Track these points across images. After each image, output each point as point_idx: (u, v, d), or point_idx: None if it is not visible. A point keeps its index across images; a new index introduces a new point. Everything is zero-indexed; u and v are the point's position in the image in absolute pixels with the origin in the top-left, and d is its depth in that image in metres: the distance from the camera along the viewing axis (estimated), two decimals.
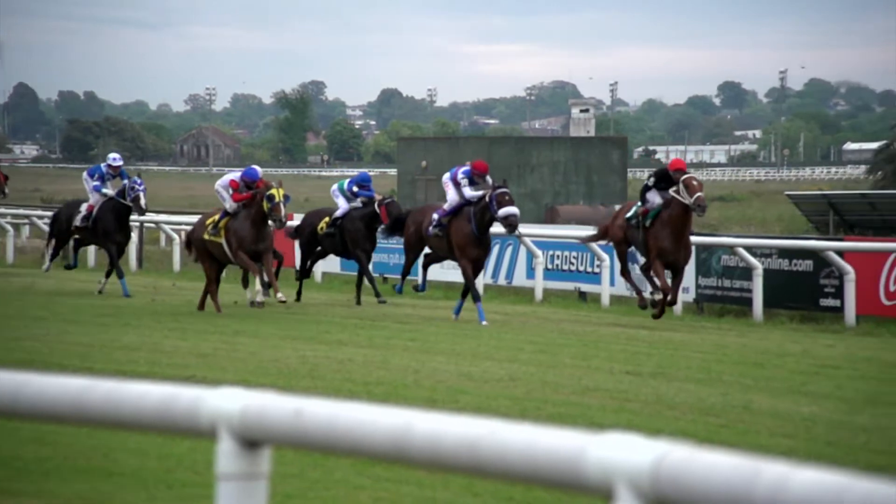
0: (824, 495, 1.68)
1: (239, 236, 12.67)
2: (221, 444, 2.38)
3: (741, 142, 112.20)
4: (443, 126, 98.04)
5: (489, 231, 11.99)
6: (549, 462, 2.01)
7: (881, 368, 8.75)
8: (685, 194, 11.50)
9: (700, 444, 1.95)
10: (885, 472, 5.09)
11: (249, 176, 13.04)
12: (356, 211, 13.75)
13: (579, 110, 57.13)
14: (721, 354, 9.58)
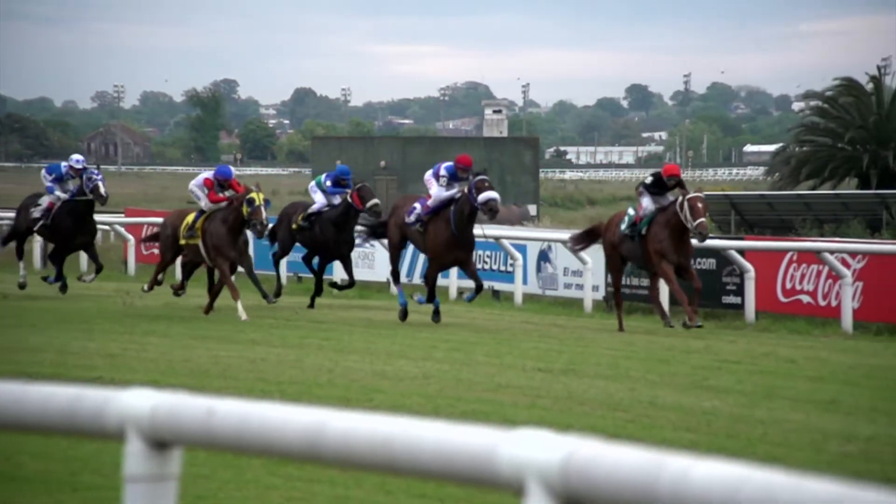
0: (723, 487, 1.72)
1: (215, 244, 12.18)
2: (129, 445, 2.33)
3: (648, 143, 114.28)
4: (357, 126, 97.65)
5: (471, 228, 11.48)
6: (461, 459, 2.02)
7: (778, 363, 9.00)
8: (688, 216, 10.90)
9: (608, 438, 1.98)
10: (781, 462, 5.24)
11: (222, 174, 12.58)
12: (329, 211, 13.10)
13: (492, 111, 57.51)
14: (629, 351, 9.74)
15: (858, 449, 5.67)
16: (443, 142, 42.28)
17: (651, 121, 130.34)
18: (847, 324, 11.84)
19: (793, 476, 1.69)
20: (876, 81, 36.28)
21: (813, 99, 38.64)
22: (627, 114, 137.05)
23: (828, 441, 5.85)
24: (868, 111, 35.46)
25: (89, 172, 13.84)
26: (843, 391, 7.53)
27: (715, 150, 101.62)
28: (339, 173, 13.41)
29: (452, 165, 11.68)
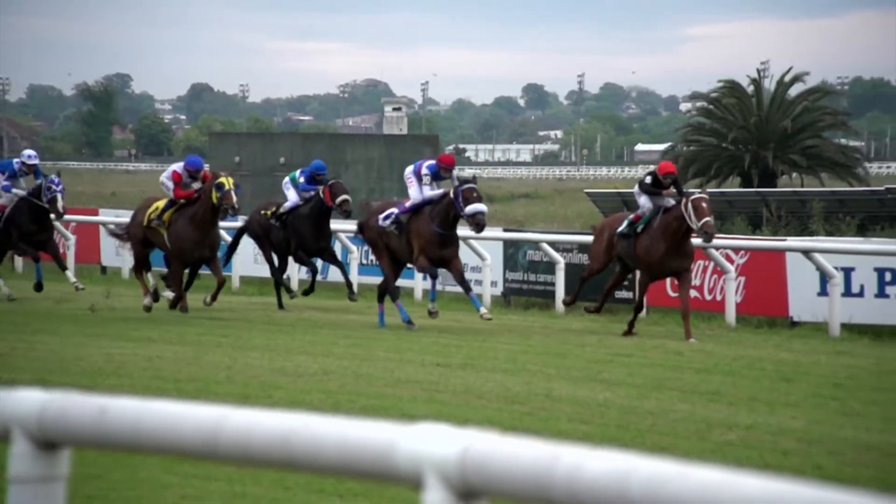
0: (614, 477, 1.76)
1: (180, 244, 11.55)
2: (15, 447, 2.26)
3: (544, 141, 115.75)
4: (256, 122, 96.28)
5: (455, 228, 10.84)
6: (360, 454, 2.01)
7: (667, 356, 9.23)
8: (692, 216, 10.37)
9: (505, 431, 2.00)
10: (668, 451, 5.39)
11: (193, 165, 11.93)
12: (302, 207, 12.54)
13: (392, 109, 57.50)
14: (526, 345, 9.86)
15: (739, 437, 5.86)
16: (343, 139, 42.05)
17: (547, 119, 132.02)
18: (731, 317, 12.21)
19: (678, 464, 1.74)
20: (756, 84, 37.53)
21: (699, 100, 39.74)
22: (524, 112, 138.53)
23: (711, 430, 6.03)
24: (749, 112, 36.65)
25: (49, 181, 13.04)
26: (726, 382, 7.77)
27: (608, 148, 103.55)
28: (314, 169, 12.79)
29: (434, 164, 11.04)
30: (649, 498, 1.71)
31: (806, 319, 11.96)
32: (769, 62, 44.03)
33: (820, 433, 5.91)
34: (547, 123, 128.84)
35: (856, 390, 7.41)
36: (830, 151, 35.67)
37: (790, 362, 8.89)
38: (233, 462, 2.15)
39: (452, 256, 10.89)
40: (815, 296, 12.03)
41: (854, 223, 23.32)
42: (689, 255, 10.70)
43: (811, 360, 9.03)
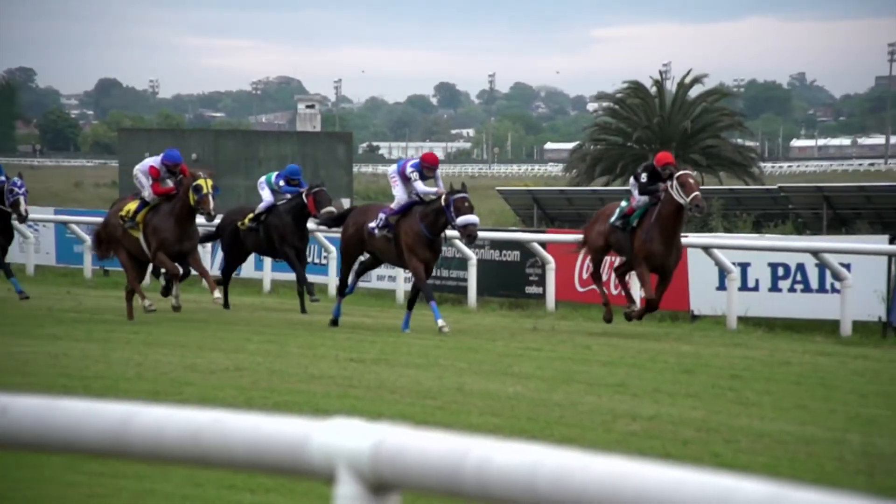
0: (523, 468, 1.78)
1: (160, 236, 10.98)
2: None
3: (457, 140, 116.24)
4: (167, 118, 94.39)
5: (441, 235, 10.58)
6: (273, 449, 2.00)
7: (575, 349, 9.37)
8: (680, 192, 10.03)
9: (417, 425, 2.01)
10: (574, 442, 5.48)
11: (171, 159, 11.34)
12: (283, 204, 12.26)
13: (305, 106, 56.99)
14: (438, 340, 9.89)
15: (642, 427, 5.98)
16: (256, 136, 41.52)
17: (459, 118, 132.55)
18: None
19: (584, 455, 1.77)
20: (658, 85, 38.40)
21: (605, 100, 40.46)
22: (437, 111, 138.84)
23: (616, 421, 6.14)
24: (652, 113, 37.47)
25: (11, 183, 12.43)
26: (631, 374, 7.92)
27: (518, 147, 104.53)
28: (290, 172, 12.57)
29: (418, 163, 10.69)
30: (555, 489, 1.74)
31: (706, 313, 12.26)
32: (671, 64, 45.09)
33: (717, 422, 6.07)
34: (459, 122, 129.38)
35: (751, 381, 7.63)
36: (728, 151, 36.67)
37: (691, 354, 9.10)
38: (142, 459, 2.11)
39: (434, 261, 10.69)
40: (714, 290, 12.34)
41: (750, 220, 24.05)
42: (679, 251, 10.41)
43: (711, 352, 9.27)
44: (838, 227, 23.23)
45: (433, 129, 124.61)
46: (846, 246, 11.66)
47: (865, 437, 5.65)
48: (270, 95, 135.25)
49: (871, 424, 6.04)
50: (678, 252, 10.39)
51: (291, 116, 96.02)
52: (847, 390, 7.24)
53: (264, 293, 14.53)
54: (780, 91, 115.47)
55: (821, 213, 25.08)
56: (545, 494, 1.76)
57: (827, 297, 11.60)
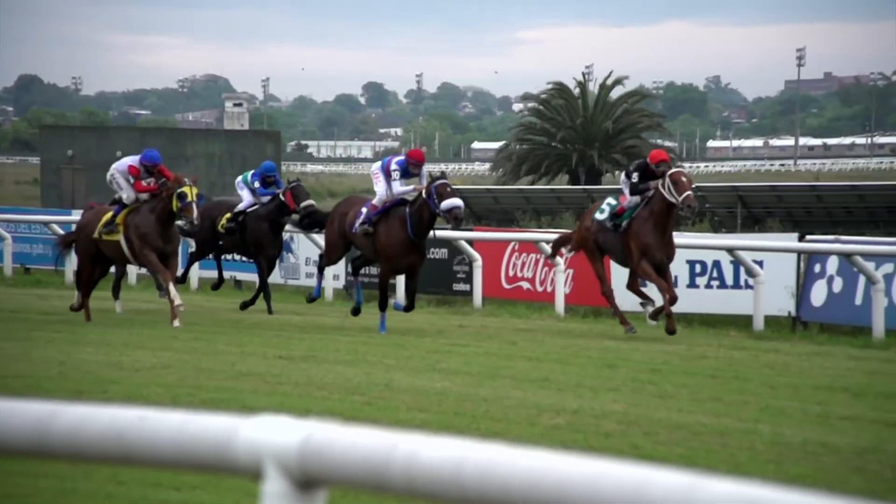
0: (449, 462, 1.79)
1: (142, 233, 10.58)
2: None
3: (385, 139, 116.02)
4: (91, 115, 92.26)
5: (427, 235, 10.10)
6: (199, 446, 1.97)
7: (501, 345, 9.43)
8: (672, 191, 9.70)
9: (345, 421, 2.00)
10: (500, 436, 5.51)
11: (149, 160, 10.95)
12: (261, 208, 11.93)
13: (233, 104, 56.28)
14: (367, 337, 9.86)
15: (566, 421, 6.05)
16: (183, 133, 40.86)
17: (387, 117, 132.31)
18: (560, 307, 12.60)
19: (509, 449, 1.78)
20: (581, 87, 38.90)
21: (530, 101, 40.84)
22: (365, 110, 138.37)
23: (541, 415, 6.20)
24: (576, 113, 37.94)
25: None
26: (555, 369, 8.00)
27: (446, 146, 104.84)
28: (265, 170, 12.24)
29: (403, 160, 10.23)
30: (481, 482, 1.75)
31: (626, 309, 12.47)
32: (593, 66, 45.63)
33: (637, 415, 6.17)
34: (387, 121, 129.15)
35: (669, 374, 7.77)
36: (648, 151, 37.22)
37: (613, 349, 9.22)
38: (64, 458, 2.06)
39: (419, 264, 10.20)
40: None
41: None
42: (672, 248, 10.00)
43: (631, 347, 9.41)
44: (751, 226, 23.80)
45: (362, 127, 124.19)
46: (759, 244, 11.94)
47: (775, 428, 5.79)
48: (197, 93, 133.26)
49: (780, 415, 6.20)
50: (671, 248, 9.99)
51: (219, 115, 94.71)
52: (759, 382, 7.42)
53: (192, 291, 14.30)
54: (697, 93, 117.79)
55: (735, 211, 25.68)
56: (471, 488, 1.77)
57: (741, 292, 11.87)
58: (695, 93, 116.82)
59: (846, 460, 5.10)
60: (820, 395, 6.87)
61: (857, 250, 10.96)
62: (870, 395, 6.87)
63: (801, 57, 79.76)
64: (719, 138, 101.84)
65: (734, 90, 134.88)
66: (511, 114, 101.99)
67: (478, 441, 1.83)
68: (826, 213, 24.36)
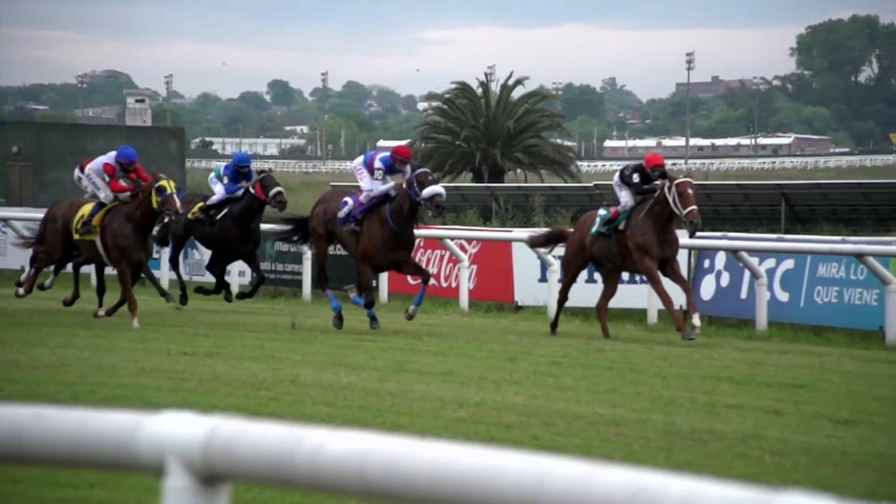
0: (354, 455, 1.78)
1: (119, 244, 10.22)
2: None
3: (291, 136, 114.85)
4: None
5: (412, 226, 9.75)
6: (99, 444, 1.92)
7: (406, 340, 9.44)
8: (677, 202, 9.21)
9: (250, 416, 1.98)
10: (405, 429, 5.52)
11: (125, 157, 10.41)
12: (233, 207, 11.47)
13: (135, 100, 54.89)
14: (273, 333, 9.75)
15: (469, 413, 6.10)
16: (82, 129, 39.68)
17: (293, 115, 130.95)
18: (464, 302, 12.69)
19: (413, 441, 1.79)
20: (484, 87, 39.26)
21: (434, 100, 40.99)
22: (270, 108, 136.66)
23: (445, 408, 6.23)
24: (479, 113, 38.26)
25: None
26: (459, 363, 8.05)
27: (352, 144, 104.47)
28: (238, 161, 11.79)
29: (389, 157, 9.81)
30: (385, 475, 1.75)
31: (529, 304, 12.62)
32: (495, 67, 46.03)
33: (538, 407, 6.25)
34: (293, 119, 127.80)
35: (569, 367, 7.91)
36: (548, 150, 37.85)
37: (515, 343, 9.32)
38: None
39: (407, 256, 9.83)
40: (537, 282, 12.73)
41: (569, 215, 24.90)
42: (676, 242, 9.50)
43: (533, 341, 9.53)
44: None
45: (267, 125, 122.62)
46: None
47: (666, 417, 5.95)
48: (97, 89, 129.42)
49: (671, 405, 6.36)
50: (675, 244, 9.48)
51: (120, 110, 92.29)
52: (652, 374, 7.61)
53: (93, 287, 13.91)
54: (594, 94, 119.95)
55: None
56: (375, 480, 1.77)
57: (637, 287, 12.16)
58: (592, 94, 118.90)
59: (730, 446, 5.26)
60: (707, 385, 7.07)
61: (742, 246, 11.32)
62: (753, 385, 7.10)
63: (691, 61, 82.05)
64: (615, 138, 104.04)
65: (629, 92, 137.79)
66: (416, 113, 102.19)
67: (382, 434, 1.83)
68: (714, 210, 25.10)
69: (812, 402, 6.42)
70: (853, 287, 10.86)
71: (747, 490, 1.38)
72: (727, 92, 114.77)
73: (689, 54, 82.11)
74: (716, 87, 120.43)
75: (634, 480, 1.50)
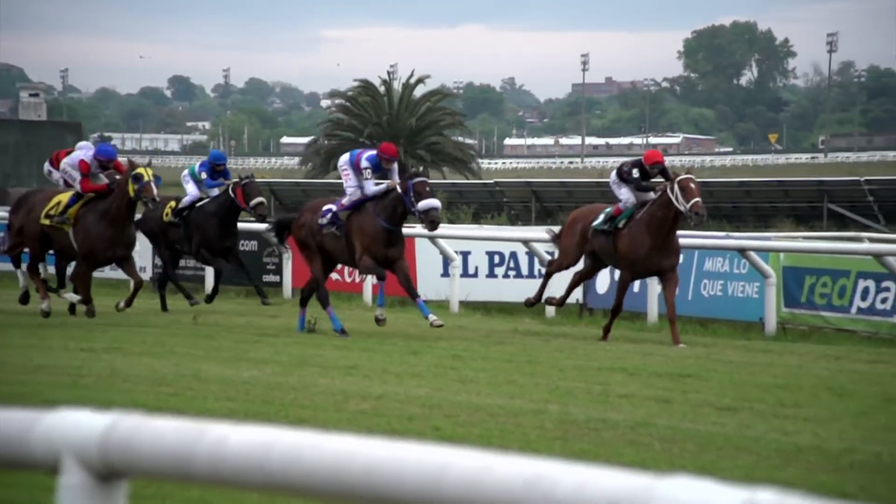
0: (257, 449, 1.76)
1: (90, 241, 9.62)
2: None
3: (192, 132, 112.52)
4: None
5: (402, 225, 9.26)
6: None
7: (310, 335, 9.38)
8: (679, 198, 8.81)
9: (150, 412, 1.93)
10: (307, 423, 5.48)
11: (104, 154, 9.84)
12: (208, 203, 11.07)
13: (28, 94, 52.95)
14: (175, 329, 9.57)
15: (371, 406, 6.09)
16: None
17: (195, 111, 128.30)
18: (367, 297, 12.67)
19: (316, 434, 1.78)
20: (387, 85, 39.27)
21: (337, 98, 40.77)
22: (171, 103, 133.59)
23: (348, 401, 6.21)
24: (382, 111, 38.25)
25: None
26: (362, 357, 8.03)
27: (255, 140, 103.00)
28: (214, 159, 11.40)
29: (375, 155, 9.33)
30: (287, 468, 1.73)
31: (432, 298, 12.68)
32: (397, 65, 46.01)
33: (439, 399, 6.28)
34: (194, 115, 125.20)
35: (470, 360, 7.96)
36: (450, 148, 38.08)
37: (417, 337, 9.34)
38: None
39: (398, 256, 9.25)
40: (439, 277, 12.79)
41: (470, 212, 25.12)
42: (676, 252, 9.13)
43: (435, 334, 9.57)
44: (545, 219, 24.76)
45: (168, 120, 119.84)
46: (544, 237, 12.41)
47: (563, 407, 6.05)
48: None
49: (567, 395, 6.48)
50: (675, 254, 9.08)
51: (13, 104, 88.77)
52: (549, 365, 7.73)
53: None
54: (494, 94, 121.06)
55: (530, 205, 26.64)
56: (277, 474, 1.75)
57: (535, 282, 12.34)
58: (492, 93, 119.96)
59: (622, 434, 5.39)
60: (602, 376, 7.22)
61: None
62: (644, 375, 7.28)
63: (586, 62, 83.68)
64: (515, 137, 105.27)
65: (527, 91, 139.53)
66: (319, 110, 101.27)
67: (285, 428, 1.81)
68: None
69: (698, 391, 6.62)
70: (736, 280, 11.24)
71: (636, 476, 1.41)
72: (620, 93, 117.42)
73: (584, 56, 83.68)
74: (609, 87, 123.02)
75: (531, 469, 1.52)
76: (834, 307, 10.44)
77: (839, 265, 10.34)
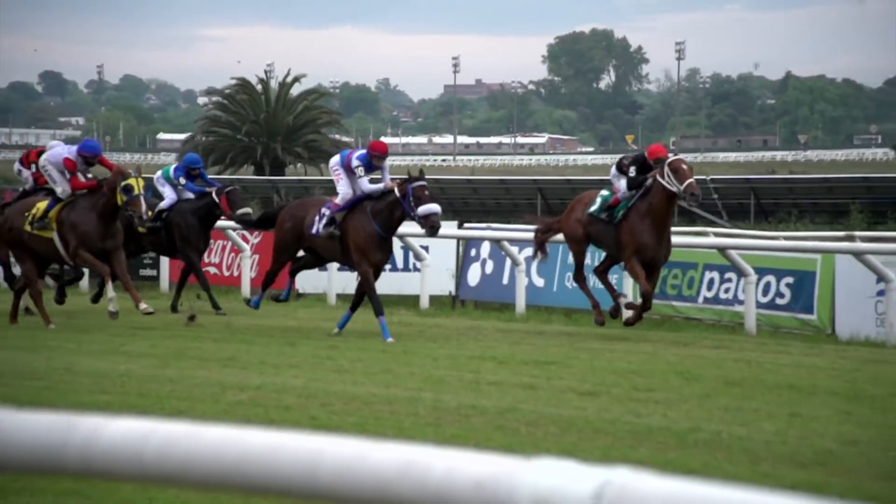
0: (131, 441, 1.70)
1: (80, 231, 9.02)
2: None
3: (66, 127, 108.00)
4: None
5: (395, 232, 8.84)
6: None
7: (188, 328, 9.16)
8: (672, 180, 8.55)
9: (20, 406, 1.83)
10: (185, 414, 5.35)
11: (89, 150, 9.13)
12: (187, 203, 10.67)
13: None
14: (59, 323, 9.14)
15: (249, 397, 5.99)
16: None
17: (67, 107, 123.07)
18: (246, 291, 12.50)
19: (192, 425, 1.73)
20: (264, 84, 38.68)
21: (214, 95, 39.85)
22: (42, 98, 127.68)
23: (225, 392, 6.09)
24: (259, 109, 37.64)
25: None
26: (240, 349, 7.89)
27: (131, 136, 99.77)
28: (189, 163, 10.95)
29: (366, 154, 8.84)
30: (162, 459, 1.68)
31: (309, 291, 12.56)
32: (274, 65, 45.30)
33: (316, 388, 6.23)
34: (67, 110, 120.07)
35: (345, 350, 7.94)
36: (328, 145, 37.78)
37: (294, 329, 9.27)
38: None
39: (385, 262, 8.96)
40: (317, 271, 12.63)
41: None
42: (668, 247, 8.88)
43: (312, 325, 9.50)
44: None
45: (39, 115, 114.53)
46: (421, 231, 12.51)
47: (436, 395, 6.10)
48: None
49: (440, 383, 6.53)
50: (668, 245, 8.88)
51: None
52: (423, 355, 7.77)
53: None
54: (370, 93, 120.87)
55: None
56: (152, 465, 1.69)
57: (410, 275, 12.41)
58: (368, 93, 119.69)
59: (491, 420, 5.47)
60: (473, 365, 7.31)
61: (504, 236, 11.79)
62: (512, 363, 7.42)
63: (457, 64, 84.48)
64: (390, 135, 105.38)
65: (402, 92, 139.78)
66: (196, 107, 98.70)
67: (160, 420, 1.75)
68: (480, 203, 26.00)
69: (562, 377, 6.79)
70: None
71: (502, 459, 1.44)
72: (489, 94, 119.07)
73: (455, 58, 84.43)
74: (479, 89, 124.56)
75: (404, 455, 1.52)
76: (683, 297, 10.87)
77: (688, 258, 10.77)
